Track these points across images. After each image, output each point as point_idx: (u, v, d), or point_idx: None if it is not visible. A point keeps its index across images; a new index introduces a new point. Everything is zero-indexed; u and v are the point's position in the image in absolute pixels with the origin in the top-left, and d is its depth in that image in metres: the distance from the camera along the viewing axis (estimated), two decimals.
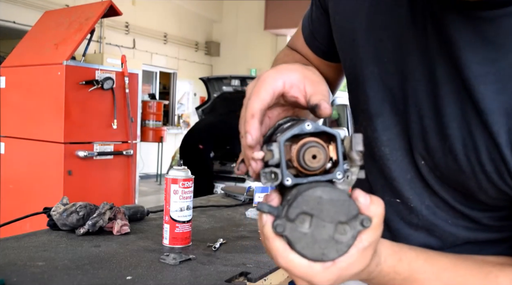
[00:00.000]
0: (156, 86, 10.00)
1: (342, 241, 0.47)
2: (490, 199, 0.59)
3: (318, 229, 0.47)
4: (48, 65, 2.82)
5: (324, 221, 0.47)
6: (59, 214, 1.22)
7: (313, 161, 0.47)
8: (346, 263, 0.48)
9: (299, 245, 0.47)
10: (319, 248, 0.47)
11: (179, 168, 1.18)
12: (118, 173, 3.08)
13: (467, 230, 0.64)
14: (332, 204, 0.46)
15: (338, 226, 0.47)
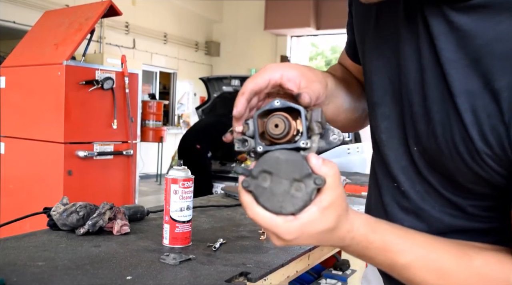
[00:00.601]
0: (156, 86, 10.01)
1: (297, 197, 0.54)
2: (470, 184, 0.63)
3: (276, 184, 0.55)
4: (48, 65, 2.82)
5: (281, 178, 0.55)
6: (59, 214, 1.22)
7: (275, 129, 0.56)
8: (307, 219, 0.54)
9: (262, 199, 0.56)
10: (278, 201, 0.55)
11: (179, 168, 1.18)
12: (118, 173, 3.08)
13: (452, 217, 0.66)
14: (287, 164, 0.55)
15: (294, 183, 0.55)
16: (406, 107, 0.67)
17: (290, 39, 11.03)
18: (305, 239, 0.57)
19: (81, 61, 2.99)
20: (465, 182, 0.63)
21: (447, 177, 0.65)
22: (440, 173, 0.66)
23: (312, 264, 1.29)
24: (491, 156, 0.57)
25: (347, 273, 1.81)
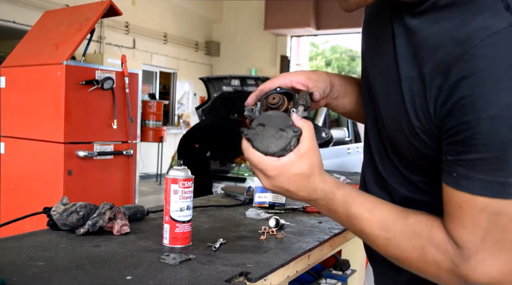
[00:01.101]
0: (156, 86, 10.01)
1: (280, 140, 0.75)
2: (416, 159, 0.76)
3: (266, 132, 0.77)
4: (48, 65, 2.82)
5: (270, 127, 0.77)
6: (59, 214, 1.22)
7: (273, 101, 0.82)
8: (287, 161, 0.74)
9: (255, 143, 0.77)
10: (266, 143, 0.76)
11: (179, 168, 1.18)
12: (118, 173, 3.08)
13: (409, 192, 0.80)
14: (276, 118, 0.78)
15: (279, 131, 0.76)
16: (376, 96, 0.83)
17: (290, 39, 11.03)
18: (285, 180, 0.74)
19: (81, 61, 2.99)
20: (413, 158, 0.77)
21: (402, 155, 0.79)
22: (399, 153, 0.80)
23: (312, 264, 1.29)
24: (422, 130, 0.71)
25: (347, 273, 1.81)
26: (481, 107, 0.62)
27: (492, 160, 0.63)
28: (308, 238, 1.34)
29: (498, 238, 0.65)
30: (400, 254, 0.74)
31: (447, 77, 0.64)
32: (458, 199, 0.67)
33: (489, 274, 0.66)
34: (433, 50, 0.67)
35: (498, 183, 0.63)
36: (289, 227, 1.44)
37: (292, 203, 1.80)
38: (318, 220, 1.57)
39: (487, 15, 0.63)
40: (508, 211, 0.64)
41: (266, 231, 1.33)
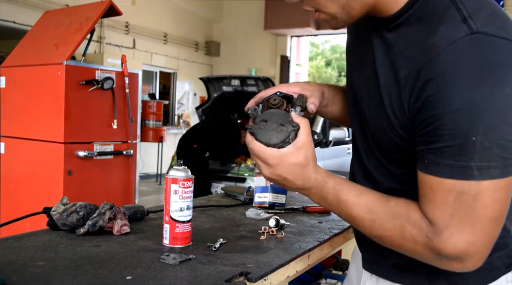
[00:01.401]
0: (156, 86, 10.01)
1: (280, 133, 0.86)
2: (396, 153, 0.88)
3: (268, 126, 0.88)
4: (48, 65, 2.82)
5: (272, 122, 0.88)
6: (59, 214, 1.22)
7: (273, 102, 0.93)
8: (286, 151, 0.85)
9: (258, 135, 0.87)
10: (268, 136, 0.86)
11: (179, 168, 1.18)
12: (118, 173, 3.08)
13: (391, 182, 0.92)
14: (277, 115, 0.89)
15: (279, 126, 0.87)
16: (360, 102, 0.94)
17: (290, 39, 11.02)
18: (284, 169, 0.85)
19: (81, 61, 2.99)
20: (393, 152, 0.88)
21: (385, 151, 0.91)
22: (382, 149, 0.91)
23: (312, 264, 1.29)
24: (399, 126, 0.82)
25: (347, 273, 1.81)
26: (445, 103, 0.73)
27: (456, 147, 0.74)
28: (308, 238, 1.34)
29: (463, 214, 0.75)
30: (383, 233, 0.84)
31: (417, 80, 0.76)
32: (430, 182, 0.78)
33: (457, 246, 0.76)
34: (408, 59, 0.79)
35: (462, 167, 0.74)
36: (289, 227, 1.44)
37: (292, 203, 1.81)
38: (318, 220, 1.57)
39: (447, 27, 0.75)
40: (471, 190, 0.74)
41: (266, 231, 1.33)
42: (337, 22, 0.87)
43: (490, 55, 0.72)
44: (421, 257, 0.82)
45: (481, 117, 0.71)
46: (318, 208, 1.69)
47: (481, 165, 0.73)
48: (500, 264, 0.90)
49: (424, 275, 0.92)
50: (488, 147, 0.72)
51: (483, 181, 0.73)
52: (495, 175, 0.73)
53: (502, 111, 0.72)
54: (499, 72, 0.72)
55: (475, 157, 0.73)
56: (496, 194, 0.74)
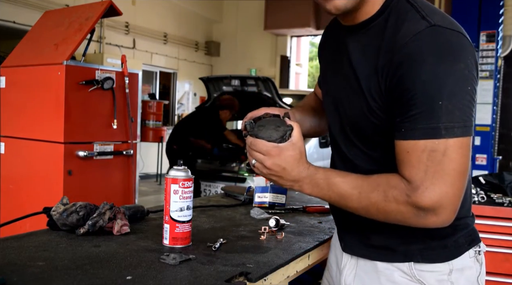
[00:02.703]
0: (156, 86, 10.00)
1: (279, 131, 1.03)
2: (376, 136, 1.03)
3: (267, 128, 1.05)
4: (48, 65, 2.81)
5: (270, 125, 1.05)
6: (59, 214, 1.22)
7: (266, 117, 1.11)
8: (284, 145, 1.01)
9: (260, 134, 1.04)
10: (269, 133, 1.03)
11: (179, 168, 1.18)
12: (118, 173, 3.07)
13: (371, 166, 1.06)
14: (273, 120, 1.08)
15: (277, 127, 1.04)
16: (340, 102, 1.10)
17: (290, 39, 11.02)
18: (283, 159, 1.00)
19: (81, 61, 2.99)
20: (373, 135, 1.03)
21: (364, 137, 1.06)
22: (361, 137, 1.07)
23: (312, 264, 1.29)
24: (378, 108, 0.99)
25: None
26: (415, 76, 0.91)
27: (426, 112, 0.90)
28: (308, 238, 1.34)
29: (435, 169, 0.90)
30: (369, 201, 0.97)
31: (391, 65, 0.94)
32: (406, 147, 0.93)
33: (432, 197, 0.90)
34: (382, 53, 0.97)
35: (432, 128, 0.90)
36: (289, 227, 1.44)
37: (292, 203, 1.81)
38: (318, 220, 1.57)
39: (410, 23, 0.94)
40: (440, 148, 0.90)
41: (266, 231, 1.33)
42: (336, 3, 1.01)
43: (446, 40, 0.91)
44: (404, 217, 0.95)
45: (444, 85, 0.89)
46: (318, 208, 1.69)
47: (447, 125, 0.89)
48: (464, 242, 1.06)
49: (401, 252, 1.06)
50: (451, 110, 0.89)
51: (449, 139, 0.89)
52: (459, 133, 0.90)
53: (459, 81, 0.90)
54: (454, 52, 0.91)
55: (442, 118, 0.89)
56: (460, 150, 0.90)
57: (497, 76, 6.08)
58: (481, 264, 1.09)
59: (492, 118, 5.94)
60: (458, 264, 1.05)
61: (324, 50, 1.23)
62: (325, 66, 1.21)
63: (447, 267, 1.04)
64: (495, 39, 5.83)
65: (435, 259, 1.04)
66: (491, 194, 2.59)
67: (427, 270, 1.04)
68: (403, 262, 1.06)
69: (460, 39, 0.93)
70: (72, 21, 3.01)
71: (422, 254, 1.04)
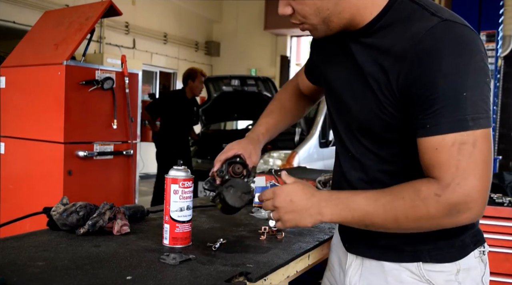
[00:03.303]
0: (156, 86, 10.00)
1: (243, 201, 1.22)
2: (383, 132, 1.01)
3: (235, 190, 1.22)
4: (48, 65, 2.81)
5: (237, 190, 1.22)
6: (59, 214, 1.22)
7: (237, 171, 1.28)
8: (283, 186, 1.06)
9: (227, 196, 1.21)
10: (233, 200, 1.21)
11: (179, 168, 1.18)
12: (118, 173, 3.07)
13: (377, 164, 1.06)
14: (242, 184, 1.24)
15: (242, 194, 1.22)
16: (346, 101, 1.08)
17: (290, 39, 11.02)
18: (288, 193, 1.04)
19: (81, 61, 2.99)
20: (381, 132, 1.02)
21: (372, 135, 1.04)
22: (369, 134, 1.05)
23: (312, 264, 1.29)
24: (389, 103, 0.97)
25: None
26: (435, 71, 0.89)
27: (451, 105, 0.88)
28: (308, 238, 1.34)
29: (466, 163, 0.88)
30: (396, 212, 0.92)
31: (404, 60, 0.92)
32: (434, 144, 0.90)
33: (464, 192, 0.88)
34: (389, 50, 0.96)
35: (458, 120, 0.88)
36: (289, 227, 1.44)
37: None
38: None
39: (422, 21, 0.93)
40: (469, 139, 0.88)
41: (266, 231, 1.33)
42: (318, 32, 1.04)
43: (460, 34, 0.91)
44: (436, 220, 0.91)
45: (466, 76, 0.88)
46: None
47: (473, 116, 0.88)
48: (470, 242, 1.05)
49: (409, 252, 1.04)
50: (475, 101, 0.88)
51: (477, 130, 0.88)
52: (484, 124, 0.89)
53: (478, 72, 0.90)
54: (470, 45, 0.90)
55: (468, 110, 0.88)
56: (487, 141, 0.90)
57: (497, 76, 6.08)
58: (485, 264, 1.09)
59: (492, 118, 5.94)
60: (465, 264, 1.04)
61: (320, 51, 1.21)
62: (324, 67, 1.19)
63: (455, 267, 1.03)
64: (495, 39, 5.83)
65: (443, 259, 1.03)
66: (491, 194, 2.59)
67: (435, 270, 1.04)
68: (411, 262, 1.05)
69: (472, 33, 0.93)
70: (72, 21, 3.01)
71: (430, 254, 1.03)
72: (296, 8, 1.00)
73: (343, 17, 0.99)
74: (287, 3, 1.01)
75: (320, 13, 0.98)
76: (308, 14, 0.99)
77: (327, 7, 0.97)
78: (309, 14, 0.99)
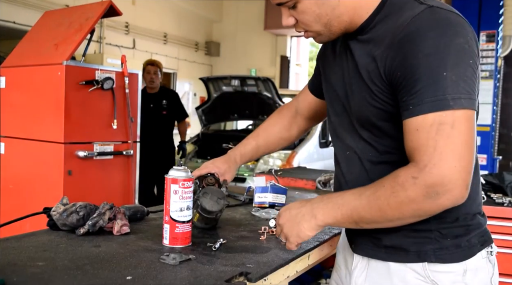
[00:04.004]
0: None
1: (219, 205, 1.31)
2: (379, 121, 1.03)
3: (211, 196, 1.31)
4: (48, 65, 2.81)
5: (214, 195, 1.32)
6: (59, 214, 1.22)
7: (210, 181, 1.42)
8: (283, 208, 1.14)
9: (204, 203, 1.29)
10: (211, 205, 1.29)
11: (179, 168, 1.18)
12: (118, 173, 3.07)
13: (373, 156, 1.08)
14: (216, 191, 1.34)
15: (218, 199, 1.31)
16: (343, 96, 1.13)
17: (290, 39, 11.02)
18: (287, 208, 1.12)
19: (81, 61, 2.99)
20: (376, 120, 1.04)
21: (370, 125, 1.06)
22: (367, 126, 1.07)
23: (312, 264, 1.29)
24: (379, 91, 1.00)
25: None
26: (418, 51, 0.92)
27: (432, 85, 0.90)
28: None
29: (443, 143, 0.88)
30: (379, 202, 0.94)
31: (391, 47, 0.96)
32: (415, 124, 0.92)
33: (440, 173, 0.88)
34: (381, 41, 1.00)
35: (439, 100, 0.89)
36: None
37: None
38: None
39: (410, 9, 0.97)
40: (448, 119, 0.89)
41: (266, 231, 1.33)
42: (322, 37, 1.09)
43: (445, 18, 0.94)
44: (417, 204, 0.91)
45: (447, 56, 0.90)
46: None
47: (453, 96, 0.89)
48: (476, 242, 1.05)
49: (414, 252, 1.04)
50: (456, 81, 0.89)
51: (457, 110, 0.89)
52: (466, 104, 0.89)
53: (460, 53, 0.91)
54: (453, 28, 0.93)
55: (448, 89, 0.89)
56: (468, 123, 0.90)
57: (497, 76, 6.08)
58: (493, 265, 1.09)
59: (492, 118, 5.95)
60: (472, 265, 1.03)
61: (324, 57, 1.25)
62: (326, 70, 1.23)
63: (461, 267, 1.03)
64: (495, 39, 5.83)
65: (448, 259, 1.02)
66: (491, 194, 2.59)
67: (441, 270, 1.03)
68: (417, 262, 1.04)
69: (459, 18, 0.95)
70: (72, 21, 3.01)
71: (436, 254, 1.03)
72: (298, 18, 1.06)
73: (343, 20, 1.03)
74: (289, 15, 1.08)
75: (320, 20, 1.03)
76: (310, 22, 1.04)
77: (326, 13, 1.02)
78: (310, 22, 1.04)
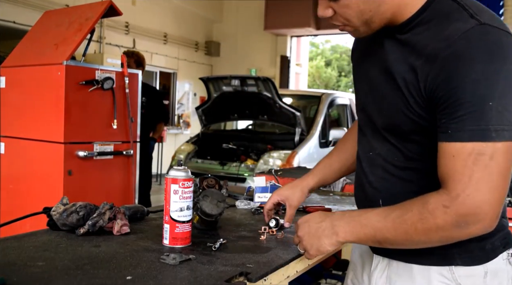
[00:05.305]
0: (156, 86, 9.99)
1: (219, 208, 1.29)
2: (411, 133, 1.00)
3: (211, 199, 1.30)
4: (48, 65, 2.81)
5: (213, 198, 1.30)
6: (59, 214, 1.22)
7: (210, 183, 1.51)
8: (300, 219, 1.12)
9: (204, 205, 1.28)
10: (211, 208, 1.28)
11: (179, 168, 1.18)
12: (118, 173, 3.07)
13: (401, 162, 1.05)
14: (217, 193, 1.32)
15: (218, 203, 1.29)
16: (373, 99, 1.08)
17: (290, 39, 11.02)
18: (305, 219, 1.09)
19: (81, 61, 2.99)
20: (407, 131, 1.00)
21: (399, 133, 1.03)
22: (396, 133, 1.04)
23: (312, 264, 1.29)
24: (416, 103, 0.96)
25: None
26: (464, 75, 0.87)
27: (476, 113, 0.86)
28: None
29: (480, 174, 0.86)
30: (406, 226, 0.92)
31: (435, 61, 0.90)
32: (452, 150, 0.89)
33: (474, 203, 0.86)
34: (422, 49, 0.94)
35: (481, 130, 0.86)
36: (289, 227, 1.44)
37: None
38: None
39: (459, 22, 0.90)
40: (488, 151, 0.86)
41: (266, 231, 1.33)
42: (359, 33, 1.04)
43: (496, 40, 0.88)
44: (445, 232, 0.89)
45: (495, 85, 0.86)
46: (318, 208, 1.69)
47: (497, 127, 0.85)
48: (499, 244, 1.03)
49: (439, 255, 1.01)
50: (501, 112, 0.85)
51: (498, 142, 0.85)
52: (508, 136, 0.86)
53: (509, 81, 0.87)
54: (504, 52, 0.87)
55: (492, 120, 0.85)
56: (507, 154, 0.86)
57: None
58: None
59: None
60: (492, 267, 1.02)
61: (357, 52, 1.19)
62: (357, 66, 1.18)
63: (483, 269, 1.01)
64: None
65: (472, 262, 1.01)
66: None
67: (465, 274, 1.01)
68: (442, 265, 1.02)
69: (510, 39, 0.89)
70: (72, 21, 3.00)
71: (461, 257, 1.01)
72: (339, 11, 0.99)
73: (385, 17, 0.98)
74: (327, 6, 0.99)
75: (363, 15, 0.97)
76: (351, 17, 0.98)
77: (370, 9, 0.96)
78: (352, 17, 0.98)
